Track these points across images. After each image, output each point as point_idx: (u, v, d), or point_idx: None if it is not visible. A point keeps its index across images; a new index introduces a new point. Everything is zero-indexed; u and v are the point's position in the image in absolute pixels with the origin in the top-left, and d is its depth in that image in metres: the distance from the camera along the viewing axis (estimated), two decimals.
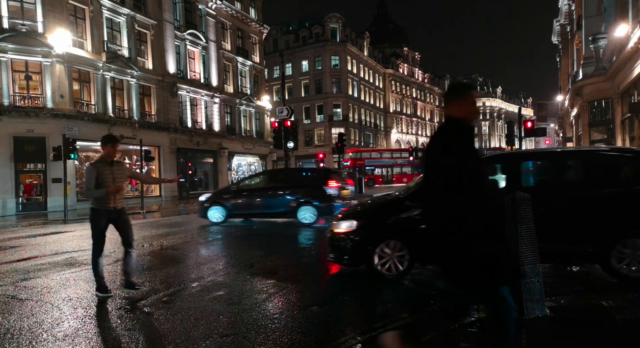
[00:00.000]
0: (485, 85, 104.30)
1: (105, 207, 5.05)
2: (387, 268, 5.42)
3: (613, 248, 4.94)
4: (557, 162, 6.00)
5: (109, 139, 5.18)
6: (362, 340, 3.58)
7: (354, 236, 5.60)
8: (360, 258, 5.57)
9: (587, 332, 3.58)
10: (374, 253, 5.43)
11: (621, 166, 5.64)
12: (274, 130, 21.72)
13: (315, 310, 4.50)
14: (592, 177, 5.60)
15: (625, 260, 4.92)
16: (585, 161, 5.82)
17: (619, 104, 19.01)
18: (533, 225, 3.89)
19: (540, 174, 5.96)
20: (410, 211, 5.49)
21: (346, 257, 5.72)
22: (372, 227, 5.65)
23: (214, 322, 4.19)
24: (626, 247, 4.93)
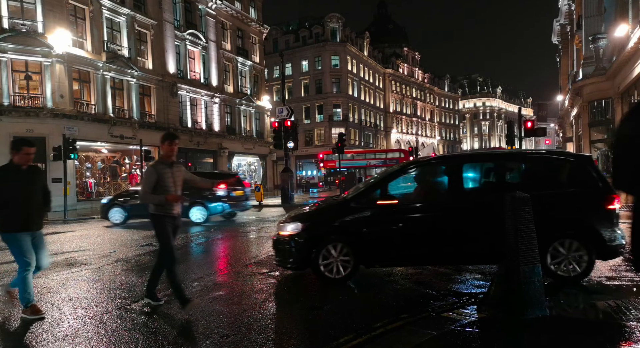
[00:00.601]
0: (485, 85, 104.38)
1: (169, 212, 4.54)
2: (332, 271, 5.36)
3: (548, 248, 5.09)
4: (499, 164, 6.09)
5: (167, 136, 4.66)
6: (361, 340, 3.58)
7: (298, 238, 5.48)
8: (305, 261, 5.44)
9: (587, 332, 3.58)
10: (319, 256, 5.34)
11: (558, 169, 5.79)
12: (274, 130, 21.74)
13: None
14: (530, 179, 5.78)
15: (559, 259, 5.12)
16: (525, 163, 6.03)
17: (619, 104, 19.02)
18: (533, 225, 3.89)
19: (482, 176, 6.07)
20: (356, 213, 5.47)
21: (291, 260, 5.54)
22: (317, 230, 5.54)
23: (214, 322, 4.19)
24: (559, 247, 5.13)
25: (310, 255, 5.37)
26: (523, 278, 3.75)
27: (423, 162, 6.28)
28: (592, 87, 21.81)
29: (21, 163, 4.38)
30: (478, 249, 5.30)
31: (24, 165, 4.42)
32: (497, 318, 3.80)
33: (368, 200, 5.56)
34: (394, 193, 5.75)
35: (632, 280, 5.29)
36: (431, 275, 5.94)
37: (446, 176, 5.73)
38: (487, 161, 6.25)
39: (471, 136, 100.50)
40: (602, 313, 3.93)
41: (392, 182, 5.72)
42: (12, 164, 4.40)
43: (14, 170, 4.37)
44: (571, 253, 5.10)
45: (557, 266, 5.11)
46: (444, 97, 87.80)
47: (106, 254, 8.34)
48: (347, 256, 5.38)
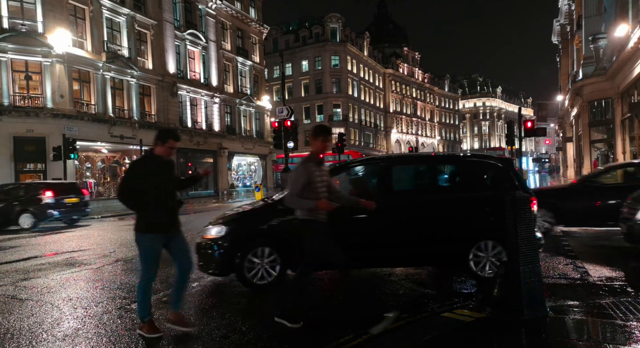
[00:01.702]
0: (485, 85, 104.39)
1: (321, 217, 3.96)
2: (257, 277, 5.11)
3: (471, 249, 5.22)
4: (428, 166, 6.18)
5: (323, 130, 4.01)
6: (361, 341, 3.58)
7: (222, 242, 5.22)
8: (229, 266, 5.17)
9: (588, 332, 3.58)
10: (243, 260, 5.08)
11: (482, 172, 5.90)
12: (274, 130, 21.71)
13: None
14: (455, 182, 5.88)
15: (481, 260, 5.24)
16: (451, 166, 6.10)
17: (619, 104, 19.01)
18: (533, 225, 3.90)
19: (411, 178, 6.12)
20: (284, 215, 5.13)
21: (213, 265, 5.28)
22: (242, 233, 5.30)
23: (213, 322, 4.19)
24: (481, 249, 5.25)
25: (234, 260, 5.09)
26: (523, 278, 3.75)
27: (356, 163, 6.23)
28: (592, 87, 21.80)
29: (163, 156, 3.87)
30: (411, 250, 5.26)
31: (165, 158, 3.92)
32: (497, 318, 3.80)
33: None
34: None
35: (633, 279, 5.29)
36: (431, 275, 5.95)
37: (378, 177, 5.67)
38: (416, 163, 6.34)
39: (471, 136, 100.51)
40: (602, 313, 3.93)
41: None
42: (153, 155, 3.86)
43: (156, 163, 3.84)
44: (491, 255, 5.22)
45: (479, 267, 5.23)
46: (444, 97, 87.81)
47: (106, 254, 8.34)
48: (274, 261, 5.15)
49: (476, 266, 5.23)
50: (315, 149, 4.01)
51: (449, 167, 6.14)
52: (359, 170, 6.15)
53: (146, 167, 3.84)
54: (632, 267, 6.20)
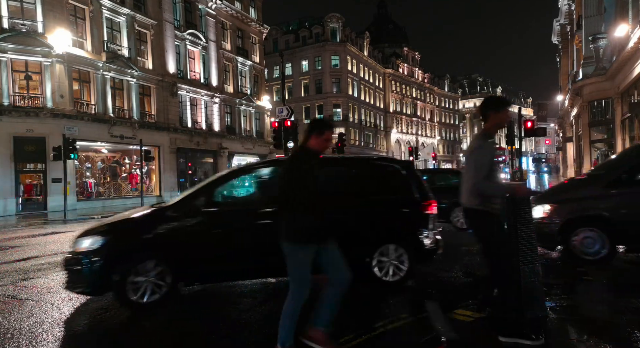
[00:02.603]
0: (485, 85, 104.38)
1: (495, 208, 3.40)
2: (142, 295, 4.49)
3: (374, 254, 5.12)
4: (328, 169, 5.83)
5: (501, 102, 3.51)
6: (361, 340, 3.57)
7: (96, 256, 4.52)
8: (106, 284, 4.50)
9: (587, 332, 3.58)
10: (125, 276, 4.43)
11: (382, 175, 5.83)
12: (274, 130, 21.69)
13: None
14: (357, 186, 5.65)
15: (383, 264, 5.16)
16: (351, 170, 5.89)
17: (619, 104, 19.01)
18: (533, 225, 3.89)
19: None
20: (173, 222, 4.75)
21: (84, 283, 4.58)
22: (122, 245, 4.67)
23: (213, 322, 4.19)
24: (384, 253, 5.18)
25: (111, 276, 4.42)
26: (523, 278, 3.75)
27: (253, 167, 5.85)
28: (592, 87, 21.79)
29: (318, 150, 3.35)
30: None
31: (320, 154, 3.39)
32: (497, 318, 3.80)
33: (191, 207, 4.84)
34: (226, 199, 5.28)
35: (632, 280, 5.29)
36: (431, 275, 5.94)
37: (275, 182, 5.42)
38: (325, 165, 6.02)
39: (471, 136, 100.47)
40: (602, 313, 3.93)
41: (222, 187, 5.18)
42: (308, 149, 3.32)
43: (315, 160, 3.30)
44: (394, 258, 5.18)
45: (381, 271, 5.16)
46: (444, 97, 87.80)
47: None
48: (161, 275, 4.57)
49: (380, 271, 5.16)
50: (493, 124, 3.42)
51: (350, 171, 5.88)
52: (264, 173, 5.69)
53: (309, 165, 3.22)
54: (632, 266, 6.20)
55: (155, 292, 4.56)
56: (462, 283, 5.48)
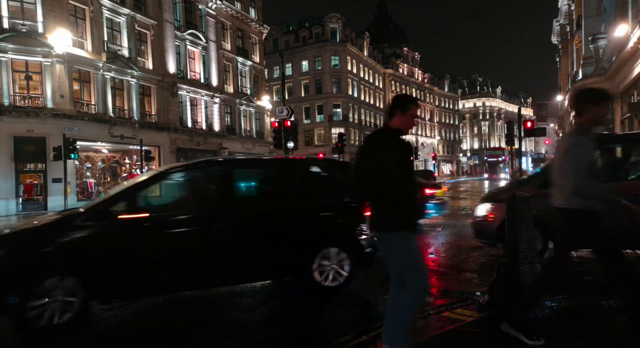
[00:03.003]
0: (485, 85, 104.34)
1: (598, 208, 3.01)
2: (47, 317, 3.83)
3: (314, 259, 4.89)
4: (261, 171, 5.66)
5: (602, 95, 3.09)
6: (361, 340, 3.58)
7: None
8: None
9: (587, 331, 3.59)
10: (26, 297, 3.80)
11: (321, 176, 5.69)
12: (274, 130, 21.71)
13: None
14: (296, 187, 5.48)
15: (324, 269, 4.94)
16: (290, 171, 5.71)
17: (618, 104, 19.02)
18: (533, 225, 3.90)
19: (246, 184, 5.53)
20: (84, 231, 4.16)
21: None
22: (21, 259, 3.96)
23: (213, 322, 4.20)
24: (325, 258, 4.96)
25: (6, 297, 3.79)
26: (523, 278, 3.76)
27: (184, 167, 5.37)
28: None
29: (403, 129, 3.05)
30: (250, 264, 4.70)
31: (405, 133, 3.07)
32: (497, 318, 3.81)
33: (105, 214, 4.31)
34: (150, 203, 4.84)
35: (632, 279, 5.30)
36: (430, 275, 5.95)
37: (215, 183, 5.01)
38: (252, 168, 5.68)
39: (471, 136, 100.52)
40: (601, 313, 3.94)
41: (146, 190, 4.71)
42: (393, 129, 3.04)
43: (401, 140, 3.02)
44: (334, 262, 4.99)
45: (322, 276, 4.94)
46: (443, 97, 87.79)
47: None
48: (71, 291, 3.95)
49: (320, 276, 4.91)
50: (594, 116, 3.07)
51: (287, 172, 5.67)
52: (195, 174, 5.28)
53: (395, 146, 2.96)
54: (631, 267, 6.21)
55: (64, 313, 3.90)
56: (461, 281, 5.49)
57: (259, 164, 5.89)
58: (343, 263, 5.01)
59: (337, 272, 4.99)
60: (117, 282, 4.17)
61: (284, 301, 5.07)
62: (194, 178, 5.25)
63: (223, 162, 5.61)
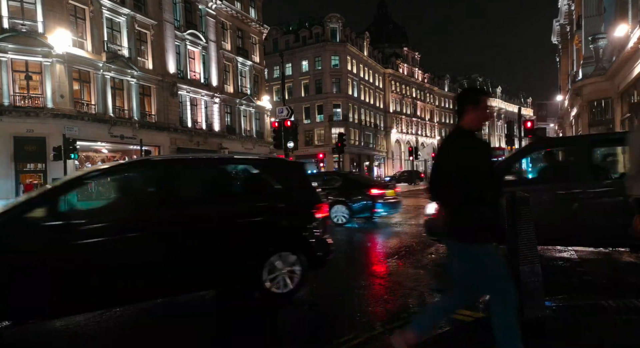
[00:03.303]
0: (485, 85, 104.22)
1: None
2: None
3: (264, 265, 4.60)
4: (209, 171, 5.20)
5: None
6: (361, 340, 3.58)
7: None
8: None
9: (587, 331, 3.59)
10: None
11: (271, 177, 5.33)
12: (274, 130, 21.72)
13: None
14: (244, 188, 5.20)
15: (275, 275, 4.67)
16: (235, 171, 5.37)
17: (618, 104, 19.02)
18: (532, 225, 3.89)
19: (189, 186, 4.90)
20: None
21: None
22: None
23: (214, 322, 4.19)
24: (275, 263, 4.69)
25: None
26: (523, 278, 3.76)
27: (107, 170, 4.78)
28: (591, 87, 21.79)
29: (477, 125, 2.76)
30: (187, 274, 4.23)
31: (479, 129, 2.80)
32: None
33: (18, 221, 3.71)
34: (74, 209, 4.42)
35: (634, 281, 5.30)
36: (430, 275, 5.95)
37: (143, 186, 4.69)
38: (191, 167, 5.01)
39: None
40: (601, 313, 3.94)
41: (68, 193, 4.15)
42: (463, 129, 2.76)
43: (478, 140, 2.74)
44: (286, 267, 4.73)
45: (273, 283, 4.65)
46: (444, 97, 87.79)
47: None
48: None
49: (271, 282, 4.64)
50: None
51: (235, 173, 5.38)
52: (126, 175, 4.74)
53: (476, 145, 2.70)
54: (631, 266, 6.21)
55: None
56: None
57: (202, 164, 5.30)
58: (295, 268, 4.77)
59: (289, 277, 4.73)
60: (28, 301, 3.57)
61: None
62: (126, 180, 4.69)
63: (158, 162, 4.97)
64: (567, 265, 6.22)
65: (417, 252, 7.63)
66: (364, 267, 6.79)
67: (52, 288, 3.64)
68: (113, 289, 3.88)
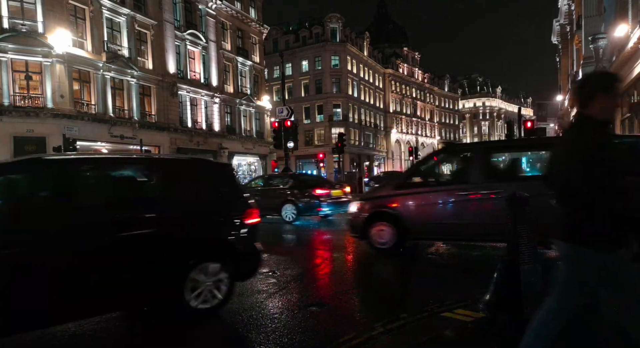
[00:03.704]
0: (485, 85, 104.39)
1: None
2: None
3: (186, 279, 4.12)
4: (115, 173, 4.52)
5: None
6: (361, 340, 3.58)
7: None
8: None
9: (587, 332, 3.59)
10: None
11: (195, 179, 4.67)
12: (274, 130, 21.75)
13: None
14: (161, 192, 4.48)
15: (200, 289, 4.20)
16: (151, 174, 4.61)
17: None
18: (533, 225, 3.90)
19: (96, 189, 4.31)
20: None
21: None
22: None
23: (213, 322, 4.20)
24: (199, 275, 4.21)
25: None
26: (523, 278, 3.76)
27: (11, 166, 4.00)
28: None
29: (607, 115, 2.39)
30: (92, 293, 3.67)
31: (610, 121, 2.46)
32: (497, 318, 3.81)
33: None
34: None
35: None
36: (431, 274, 5.95)
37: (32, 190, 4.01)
38: (96, 168, 4.37)
39: (471, 136, 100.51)
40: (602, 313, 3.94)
41: None
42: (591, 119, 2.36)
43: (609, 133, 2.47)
44: (211, 279, 4.28)
45: (198, 298, 4.19)
46: (443, 97, 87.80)
47: None
48: None
49: (194, 297, 4.18)
50: None
51: (146, 174, 4.67)
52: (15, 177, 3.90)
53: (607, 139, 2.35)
54: None
55: None
56: (461, 282, 5.48)
57: (108, 164, 4.56)
58: (221, 279, 4.34)
59: (214, 290, 4.30)
60: None
61: (283, 302, 5.02)
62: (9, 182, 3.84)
63: (51, 161, 4.12)
64: None
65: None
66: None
67: None
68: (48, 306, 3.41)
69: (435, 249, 7.87)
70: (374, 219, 7.28)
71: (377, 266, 6.95)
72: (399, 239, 7.07)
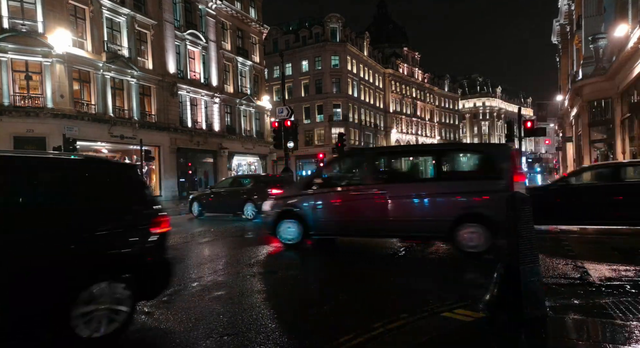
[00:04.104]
0: (485, 85, 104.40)
1: None
2: None
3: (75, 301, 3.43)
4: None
5: None
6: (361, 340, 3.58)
7: None
8: None
9: (587, 332, 3.59)
10: None
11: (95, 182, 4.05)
12: (274, 130, 21.72)
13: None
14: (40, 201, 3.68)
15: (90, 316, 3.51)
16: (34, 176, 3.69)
17: (618, 104, 19.02)
18: (533, 225, 3.90)
19: None
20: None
21: None
22: None
23: (214, 322, 4.20)
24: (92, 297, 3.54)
25: None
26: (523, 278, 3.76)
27: None
28: (591, 87, 21.79)
29: None
30: None
31: None
32: (497, 318, 3.81)
33: None
34: None
35: (633, 281, 5.30)
36: (430, 274, 5.95)
37: None
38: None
39: (471, 136, 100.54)
40: (601, 313, 3.94)
41: None
42: None
43: None
44: (107, 301, 3.61)
45: (89, 325, 3.49)
46: (443, 97, 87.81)
47: None
48: None
49: (85, 324, 3.48)
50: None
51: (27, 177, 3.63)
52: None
53: None
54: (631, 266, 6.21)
55: None
56: (461, 282, 5.49)
57: None
58: (120, 301, 3.70)
59: (112, 314, 3.65)
60: None
61: (284, 301, 5.02)
62: None
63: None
64: (567, 264, 6.22)
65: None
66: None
67: None
68: None
69: (436, 249, 7.88)
70: (283, 217, 8.20)
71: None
72: (304, 236, 8.02)
